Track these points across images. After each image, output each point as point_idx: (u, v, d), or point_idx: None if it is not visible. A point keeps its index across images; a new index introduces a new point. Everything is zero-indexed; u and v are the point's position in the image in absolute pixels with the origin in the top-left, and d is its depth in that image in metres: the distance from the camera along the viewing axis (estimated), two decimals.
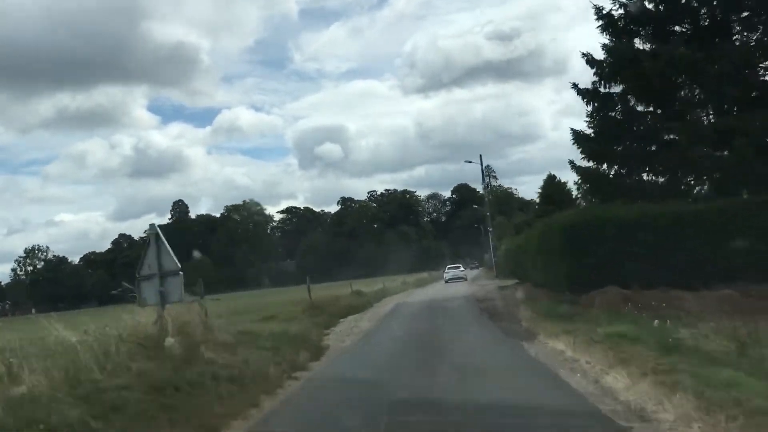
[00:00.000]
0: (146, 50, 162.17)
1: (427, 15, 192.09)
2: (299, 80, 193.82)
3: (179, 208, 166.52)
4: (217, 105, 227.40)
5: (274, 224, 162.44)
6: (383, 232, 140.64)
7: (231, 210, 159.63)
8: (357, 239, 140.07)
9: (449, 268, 53.68)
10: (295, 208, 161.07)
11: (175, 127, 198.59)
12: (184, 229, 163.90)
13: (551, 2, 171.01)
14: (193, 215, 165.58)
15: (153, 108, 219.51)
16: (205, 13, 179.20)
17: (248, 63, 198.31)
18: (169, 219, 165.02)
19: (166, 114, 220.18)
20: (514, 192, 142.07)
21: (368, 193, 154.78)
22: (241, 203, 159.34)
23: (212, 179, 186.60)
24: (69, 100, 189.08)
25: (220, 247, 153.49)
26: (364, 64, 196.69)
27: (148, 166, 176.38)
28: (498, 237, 62.46)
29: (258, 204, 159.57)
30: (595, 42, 18.76)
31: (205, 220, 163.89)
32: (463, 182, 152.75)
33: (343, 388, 9.76)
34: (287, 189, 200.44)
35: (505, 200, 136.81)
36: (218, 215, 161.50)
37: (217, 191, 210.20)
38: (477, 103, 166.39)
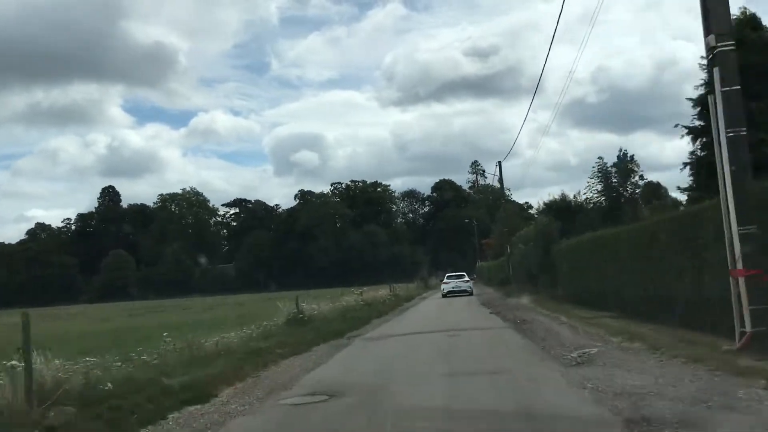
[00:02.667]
0: (123, 49, 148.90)
1: (410, 29, 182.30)
2: (278, 87, 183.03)
3: (108, 195, 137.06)
4: (194, 108, 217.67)
5: (219, 219, 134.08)
6: (346, 232, 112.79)
7: (167, 200, 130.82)
8: (314, 240, 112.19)
9: (449, 277, 38.93)
10: (245, 200, 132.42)
11: (151, 128, 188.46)
12: (111, 219, 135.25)
13: (530, 22, 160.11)
14: (125, 204, 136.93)
15: (128, 107, 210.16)
16: (184, 14, 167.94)
17: (227, 67, 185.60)
18: (96, 207, 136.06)
19: (142, 114, 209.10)
20: (508, 193, 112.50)
21: (331, 185, 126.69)
22: (180, 192, 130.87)
23: (187, 182, 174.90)
24: (42, 95, 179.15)
25: (151, 243, 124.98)
26: (344, 73, 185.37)
27: (121, 165, 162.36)
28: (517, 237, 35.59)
29: (200, 194, 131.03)
30: None
31: (137, 210, 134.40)
32: (446, 177, 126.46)
33: None
34: (264, 194, 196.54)
35: (497, 200, 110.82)
36: (152, 205, 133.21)
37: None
38: (455, 118, 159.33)
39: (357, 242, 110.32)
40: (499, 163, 38.26)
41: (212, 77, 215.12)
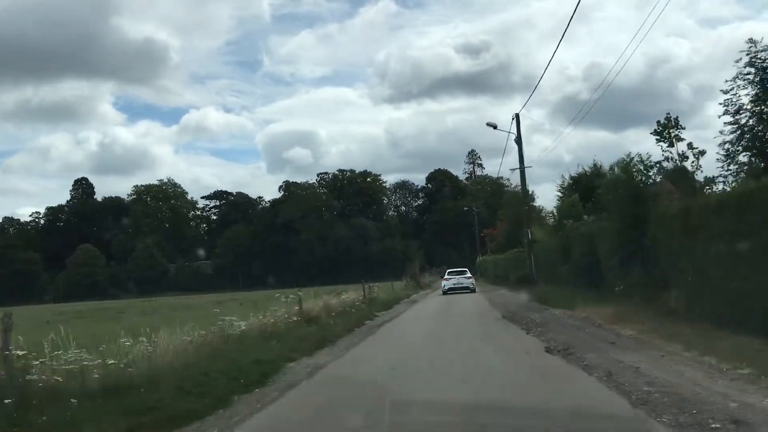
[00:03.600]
0: (115, 46, 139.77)
1: (402, 26, 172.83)
2: (271, 84, 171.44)
3: (81, 187, 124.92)
4: (186, 105, 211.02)
5: (198, 213, 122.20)
6: (333, 225, 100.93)
7: (142, 192, 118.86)
8: (297, 234, 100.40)
9: (451, 273, 37.16)
10: (225, 193, 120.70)
11: (142, 125, 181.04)
12: (84, 212, 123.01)
13: (522, 19, 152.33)
14: (99, 197, 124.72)
15: (120, 104, 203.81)
16: (175, 11, 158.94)
17: (219, 64, 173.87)
18: (68, 200, 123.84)
19: (133, 111, 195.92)
20: (506, 183, 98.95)
21: (318, 175, 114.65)
22: (156, 183, 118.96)
23: (179, 178, 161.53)
24: (33, 92, 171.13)
25: (125, 237, 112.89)
26: (337, 71, 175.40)
27: (113, 162, 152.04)
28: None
29: (177, 185, 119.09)
30: None
31: (112, 203, 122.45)
32: (441, 167, 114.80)
33: None
34: (256, 191, 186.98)
35: (495, 192, 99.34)
36: (127, 198, 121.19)
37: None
38: (448, 115, 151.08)
39: (345, 236, 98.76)
40: (517, 116, 26.67)
41: (204, 74, 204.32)
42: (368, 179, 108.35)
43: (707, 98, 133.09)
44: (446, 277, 36.80)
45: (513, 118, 26.67)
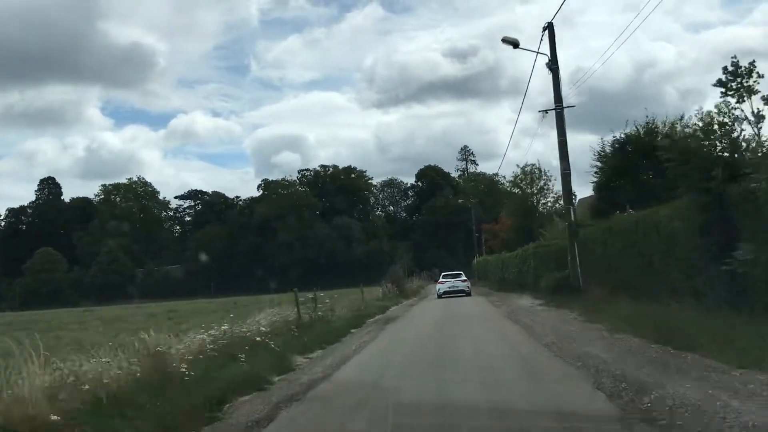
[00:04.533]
0: (101, 50, 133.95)
1: (390, 30, 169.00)
2: (260, 88, 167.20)
3: (48, 188, 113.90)
4: (174, 109, 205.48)
5: (171, 213, 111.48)
6: (313, 225, 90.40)
7: (110, 191, 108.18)
8: (275, 235, 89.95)
9: (446, 276, 36.45)
10: (201, 192, 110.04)
11: (130, 130, 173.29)
12: (51, 214, 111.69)
13: (509, 24, 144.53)
14: (67, 197, 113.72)
15: (107, 109, 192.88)
16: (163, 15, 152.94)
17: (208, 68, 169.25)
18: (33, 201, 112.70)
19: (121, 116, 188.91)
20: (502, 182, 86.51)
21: (299, 171, 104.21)
22: (126, 181, 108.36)
23: (168, 182, 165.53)
24: (18, 97, 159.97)
25: (91, 240, 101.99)
26: (325, 75, 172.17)
27: (101, 167, 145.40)
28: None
29: (148, 184, 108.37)
30: None
31: (80, 204, 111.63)
32: (432, 164, 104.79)
33: None
34: (244, 196, 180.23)
35: (490, 190, 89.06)
36: (94, 197, 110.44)
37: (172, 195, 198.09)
38: (436, 120, 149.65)
39: (327, 237, 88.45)
40: (550, 25, 16.42)
41: (193, 78, 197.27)
42: (352, 175, 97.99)
43: (694, 102, 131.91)
44: (441, 280, 36.12)
45: (544, 29, 16.39)
